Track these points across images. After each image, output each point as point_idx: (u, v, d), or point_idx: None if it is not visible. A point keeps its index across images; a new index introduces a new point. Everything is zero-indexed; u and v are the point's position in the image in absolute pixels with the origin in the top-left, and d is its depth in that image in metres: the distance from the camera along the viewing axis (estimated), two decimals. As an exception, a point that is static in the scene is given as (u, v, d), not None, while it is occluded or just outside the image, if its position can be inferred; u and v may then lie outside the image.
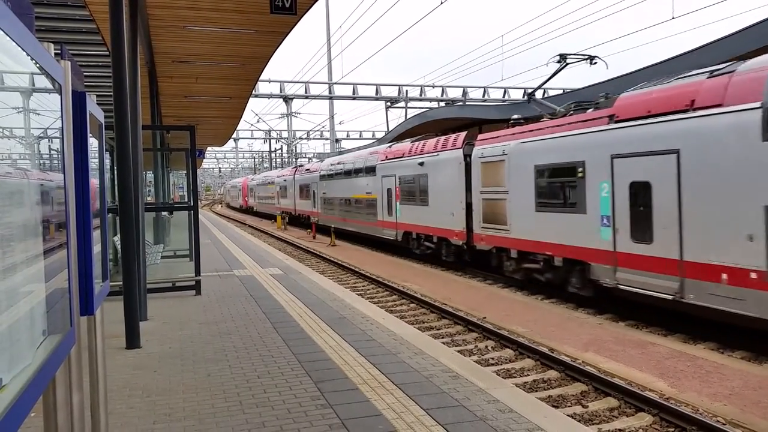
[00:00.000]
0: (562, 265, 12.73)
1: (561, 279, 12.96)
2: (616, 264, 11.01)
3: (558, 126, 12.86)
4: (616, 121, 11.01)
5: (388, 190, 22.62)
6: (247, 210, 65.16)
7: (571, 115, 12.90)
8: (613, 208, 11.08)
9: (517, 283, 15.14)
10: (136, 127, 8.85)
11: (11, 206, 1.83)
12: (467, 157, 16.99)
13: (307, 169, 37.83)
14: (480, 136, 16.35)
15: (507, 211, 14.71)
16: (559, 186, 12.88)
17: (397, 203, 21.77)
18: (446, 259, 18.52)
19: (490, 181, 15.50)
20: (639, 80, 16.38)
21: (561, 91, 35.54)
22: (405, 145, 22.08)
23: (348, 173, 27.98)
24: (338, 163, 30.40)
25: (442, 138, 18.98)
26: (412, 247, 21.01)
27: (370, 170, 24.62)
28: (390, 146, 23.82)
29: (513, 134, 14.64)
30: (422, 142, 20.41)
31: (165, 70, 14.63)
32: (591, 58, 14.06)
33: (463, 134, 17.84)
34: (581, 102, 13.43)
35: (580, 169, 11.99)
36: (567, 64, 14.25)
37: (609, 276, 11.19)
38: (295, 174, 40.67)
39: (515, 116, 15.88)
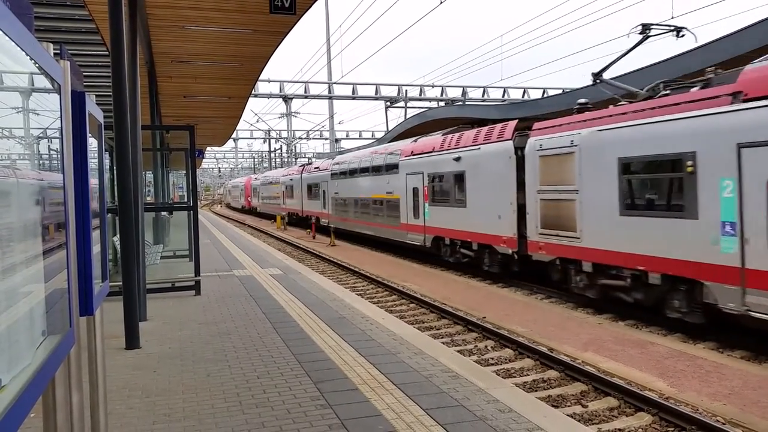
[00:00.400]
0: (660, 283, 10.17)
1: (657, 300, 10.49)
2: (745, 284, 8.62)
3: (652, 109, 10.29)
4: (744, 100, 8.70)
5: (414, 189, 20.00)
6: (250, 211, 62.96)
7: (663, 96, 10.48)
8: (740, 213, 8.69)
9: (517, 283, 15.00)
10: (136, 127, 8.85)
11: (8, 206, 1.83)
12: (519, 149, 14.33)
13: (316, 167, 34.75)
14: (537, 125, 13.69)
15: (577, 215, 12.03)
16: (657, 184, 10.35)
17: (426, 204, 19.17)
18: (489, 269, 15.93)
19: (552, 178, 12.87)
20: (643, 79, 16.39)
21: (561, 91, 35.59)
22: (434, 138, 19.48)
23: (365, 171, 25.24)
24: (353, 160, 27.50)
25: (484, 129, 16.21)
26: (444, 254, 18.40)
27: (392, 167, 22.09)
28: (416, 140, 21.13)
29: (584, 121, 11.99)
30: (458, 134, 17.70)
31: (164, 69, 14.63)
32: (678, 30, 12.08)
33: (512, 123, 15.18)
34: (672, 81, 11.16)
35: (688, 163, 9.51)
36: (648, 36, 12.10)
37: (734, 300, 8.78)
38: (302, 173, 37.73)
39: (582, 100, 13.17)
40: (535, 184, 13.49)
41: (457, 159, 17.07)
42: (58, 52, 2.79)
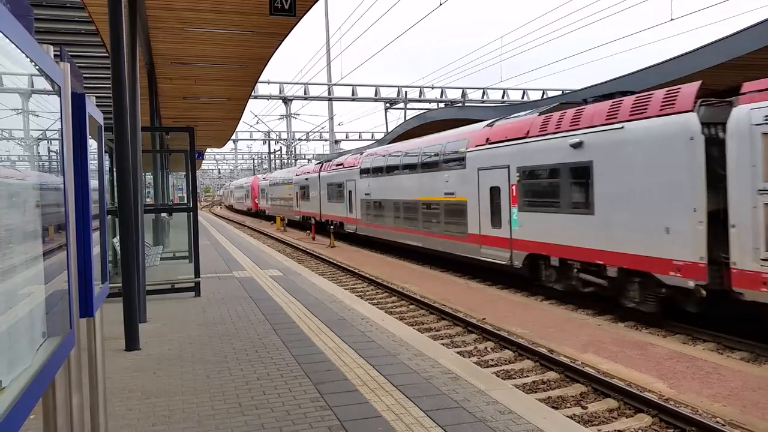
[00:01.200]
0: None
1: None
2: None
3: None
4: None
5: (494, 189, 15.20)
6: (258, 214, 56.93)
7: None
8: None
9: (515, 284, 14.93)
10: (136, 129, 8.85)
11: (9, 208, 1.83)
12: (710, 126, 9.60)
13: (339, 164, 29.51)
14: (749, 86, 8.98)
15: None
16: None
17: (514, 209, 14.32)
18: (638, 307, 10.95)
19: None
20: (643, 81, 16.38)
21: (560, 92, 35.63)
22: (525, 119, 14.43)
23: (409, 167, 20.60)
24: (392, 154, 22.55)
25: (630, 98, 11.17)
26: (547, 279, 13.46)
27: (454, 161, 17.33)
28: (491, 124, 16.16)
29: None
30: (571, 110, 12.73)
31: (164, 71, 14.65)
32: None
33: (693, 86, 9.92)
34: None
35: None
36: None
37: None
38: (321, 170, 32.48)
39: None
40: (752, 180, 8.87)
41: (577, 145, 12.14)
42: (58, 53, 2.79)
